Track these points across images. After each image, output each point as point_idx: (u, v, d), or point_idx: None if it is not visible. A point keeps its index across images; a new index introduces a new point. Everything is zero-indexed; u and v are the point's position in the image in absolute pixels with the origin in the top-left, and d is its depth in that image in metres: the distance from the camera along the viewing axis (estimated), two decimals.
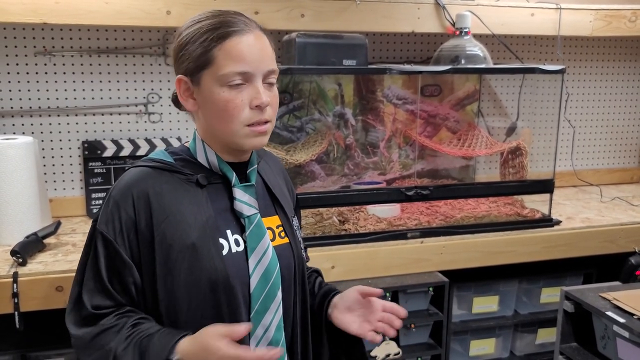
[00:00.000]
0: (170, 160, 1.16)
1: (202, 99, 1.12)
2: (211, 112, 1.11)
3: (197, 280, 1.09)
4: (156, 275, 1.09)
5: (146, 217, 1.09)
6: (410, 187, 2.15)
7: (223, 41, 1.08)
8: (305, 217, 2.09)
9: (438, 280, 2.11)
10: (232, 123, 1.10)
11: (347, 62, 2.05)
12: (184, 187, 1.13)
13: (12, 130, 2.17)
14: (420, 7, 2.32)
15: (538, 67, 2.22)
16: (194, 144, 1.19)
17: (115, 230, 1.09)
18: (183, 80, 1.13)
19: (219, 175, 1.17)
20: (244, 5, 2.08)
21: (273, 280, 1.16)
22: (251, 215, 1.17)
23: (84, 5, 1.97)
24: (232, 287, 1.11)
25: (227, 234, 1.14)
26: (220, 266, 1.10)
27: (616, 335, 1.75)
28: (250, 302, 1.14)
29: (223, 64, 1.08)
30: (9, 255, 1.75)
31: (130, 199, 1.10)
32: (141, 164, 1.15)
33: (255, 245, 1.15)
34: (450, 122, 2.58)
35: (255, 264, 1.14)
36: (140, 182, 1.11)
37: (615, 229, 2.31)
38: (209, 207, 1.14)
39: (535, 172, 2.43)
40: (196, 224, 1.11)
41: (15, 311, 1.65)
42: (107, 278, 1.09)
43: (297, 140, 2.31)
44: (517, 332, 2.43)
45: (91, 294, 1.09)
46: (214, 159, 1.17)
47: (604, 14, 2.58)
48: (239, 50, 1.08)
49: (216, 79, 1.09)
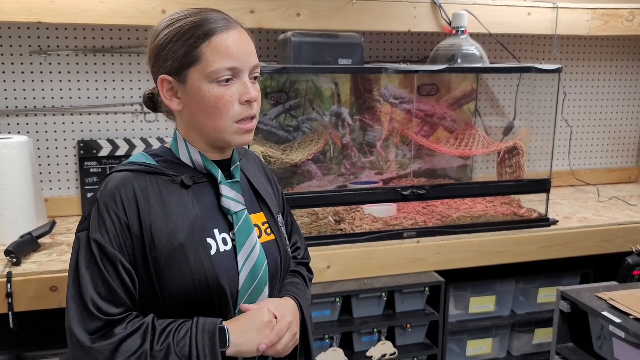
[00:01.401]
0: (152, 163, 1.15)
1: (189, 97, 1.11)
2: (199, 109, 1.11)
3: (187, 282, 1.09)
4: (152, 277, 1.09)
5: (137, 220, 1.09)
6: (406, 187, 2.14)
7: (209, 38, 1.08)
8: (301, 217, 2.08)
9: (434, 280, 2.10)
10: (222, 119, 1.10)
11: (343, 62, 2.04)
12: (168, 189, 1.13)
13: (7, 130, 2.16)
14: (416, 6, 2.31)
15: (535, 67, 2.21)
16: (175, 144, 1.18)
17: (110, 235, 1.07)
18: (167, 80, 1.12)
19: (203, 174, 1.17)
20: (240, 4, 2.08)
21: (260, 277, 1.17)
22: (239, 211, 1.17)
23: (79, 4, 1.97)
24: (221, 287, 1.11)
25: (215, 233, 1.14)
26: (209, 267, 1.10)
27: (612, 336, 1.75)
28: (237, 299, 1.15)
29: (212, 60, 1.08)
30: (3, 255, 1.74)
31: (120, 202, 1.08)
32: (123, 169, 1.14)
33: (244, 241, 1.16)
34: (448, 121, 2.58)
35: (244, 260, 1.15)
36: (125, 185, 1.10)
37: (612, 229, 2.31)
38: (196, 207, 1.13)
39: (533, 172, 2.43)
40: (183, 226, 1.10)
41: (10, 311, 1.65)
42: (112, 284, 1.06)
43: (293, 140, 2.31)
44: (514, 332, 2.43)
45: (99, 304, 1.05)
46: (198, 157, 1.16)
47: (601, 13, 2.57)
48: (227, 47, 1.08)
49: (205, 76, 1.08)
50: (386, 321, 2.11)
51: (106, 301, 1.05)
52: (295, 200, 1.99)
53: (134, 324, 1.06)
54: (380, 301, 2.10)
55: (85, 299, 1.05)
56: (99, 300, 1.05)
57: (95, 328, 1.04)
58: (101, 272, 1.06)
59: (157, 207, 1.10)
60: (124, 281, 1.07)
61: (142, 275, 1.09)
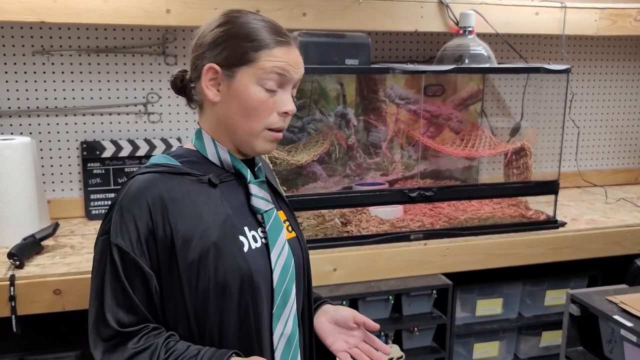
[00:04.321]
0: (175, 163, 1.14)
1: (231, 93, 1.12)
2: (238, 107, 1.12)
3: (222, 280, 1.08)
4: (181, 280, 1.06)
5: (164, 223, 1.06)
6: (413, 189, 2.12)
7: (272, 48, 1.11)
8: (307, 218, 2.06)
9: (441, 283, 2.08)
10: (256, 122, 1.12)
11: (350, 62, 2.02)
12: (196, 189, 1.11)
13: (10, 131, 2.14)
14: (423, 5, 2.29)
15: (543, 67, 2.19)
16: (200, 143, 1.17)
17: (132, 240, 1.05)
18: (214, 69, 1.12)
19: (229, 173, 1.17)
20: (245, 4, 2.05)
21: (290, 275, 1.17)
22: (269, 210, 1.18)
23: (82, 4, 1.94)
24: (256, 284, 1.11)
25: (245, 231, 1.14)
26: (243, 265, 1.10)
27: (623, 340, 1.73)
28: (273, 297, 1.14)
29: (267, 65, 1.10)
30: (6, 257, 1.72)
31: (145, 206, 1.06)
32: (146, 170, 1.12)
33: (275, 239, 1.16)
34: (453, 122, 2.56)
35: (277, 258, 1.15)
36: (151, 187, 1.08)
37: (620, 231, 2.29)
38: (225, 205, 1.13)
39: (539, 173, 2.40)
40: (215, 224, 1.09)
41: (12, 315, 1.63)
42: (130, 291, 1.04)
43: (298, 141, 2.29)
44: (521, 335, 2.41)
45: (114, 311, 1.04)
46: (227, 156, 1.16)
47: (609, 13, 2.55)
48: (285, 58, 1.12)
49: (256, 77, 1.10)
50: (393, 324, 2.08)
51: (122, 309, 1.04)
52: (301, 202, 1.97)
53: (147, 339, 1.04)
54: (387, 304, 2.08)
55: (101, 305, 1.05)
56: (115, 308, 1.04)
57: (108, 335, 1.03)
58: (119, 279, 1.04)
59: (187, 207, 1.09)
60: (143, 288, 1.05)
61: (168, 279, 1.07)
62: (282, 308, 1.15)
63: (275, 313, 1.15)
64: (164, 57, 2.25)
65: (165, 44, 2.24)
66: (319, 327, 1.27)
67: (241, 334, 1.10)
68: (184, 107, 2.32)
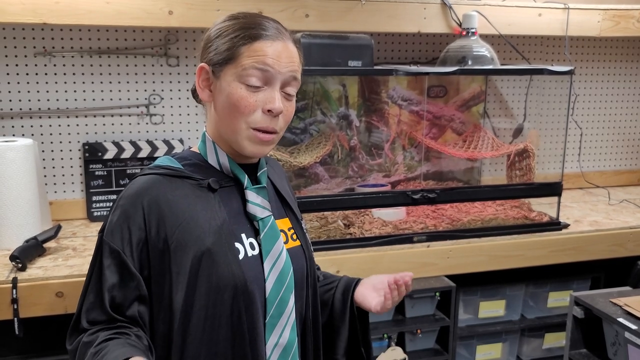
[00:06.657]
0: (178, 166, 1.14)
1: (218, 92, 1.11)
2: (223, 105, 1.10)
3: (216, 287, 1.07)
4: (172, 284, 1.06)
5: (157, 226, 1.06)
6: (416, 190, 2.11)
7: (252, 41, 1.08)
8: (310, 221, 2.05)
9: (444, 285, 2.08)
10: (239, 121, 1.09)
11: (353, 63, 2.01)
12: (195, 193, 1.11)
13: (12, 132, 2.14)
14: (426, 7, 2.28)
15: (546, 68, 2.18)
16: (203, 146, 1.17)
17: (123, 240, 1.05)
18: (204, 69, 1.12)
19: (230, 178, 1.16)
20: (247, 5, 2.05)
21: (287, 284, 1.14)
22: (265, 217, 1.15)
23: (84, 5, 1.94)
24: (250, 292, 1.09)
25: (242, 237, 1.12)
26: (237, 272, 1.08)
27: (627, 342, 1.72)
28: (266, 307, 1.12)
29: (246, 61, 1.07)
30: (8, 260, 1.72)
31: (140, 208, 1.06)
32: (149, 172, 1.12)
33: (269, 248, 1.14)
34: (456, 123, 2.55)
35: (270, 267, 1.13)
36: (150, 189, 1.08)
37: (623, 233, 2.28)
38: (223, 211, 1.11)
39: (542, 174, 2.40)
40: (211, 230, 1.08)
41: (15, 317, 1.62)
42: (107, 292, 1.05)
43: (300, 142, 2.28)
44: (523, 337, 2.40)
45: (89, 308, 1.05)
46: (226, 160, 1.15)
47: (612, 14, 2.55)
48: (265, 52, 1.08)
49: (237, 74, 1.08)
50: (396, 326, 2.08)
51: (96, 307, 1.05)
52: (304, 204, 1.96)
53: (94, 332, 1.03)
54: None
55: (82, 301, 1.08)
56: (91, 305, 1.06)
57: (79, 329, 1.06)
58: (102, 278, 1.05)
59: (183, 211, 1.08)
60: (127, 290, 1.05)
61: (160, 283, 1.07)
62: (277, 318, 1.13)
63: (268, 322, 1.13)
64: (166, 58, 2.25)
65: (167, 46, 2.24)
66: (359, 297, 1.29)
67: (234, 342, 1.09)
68: (186, 109, 2.31)
